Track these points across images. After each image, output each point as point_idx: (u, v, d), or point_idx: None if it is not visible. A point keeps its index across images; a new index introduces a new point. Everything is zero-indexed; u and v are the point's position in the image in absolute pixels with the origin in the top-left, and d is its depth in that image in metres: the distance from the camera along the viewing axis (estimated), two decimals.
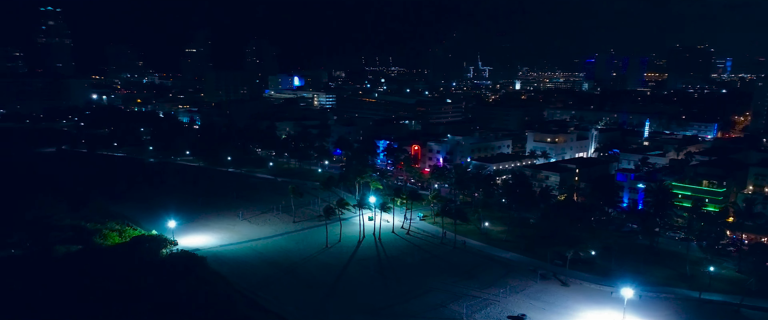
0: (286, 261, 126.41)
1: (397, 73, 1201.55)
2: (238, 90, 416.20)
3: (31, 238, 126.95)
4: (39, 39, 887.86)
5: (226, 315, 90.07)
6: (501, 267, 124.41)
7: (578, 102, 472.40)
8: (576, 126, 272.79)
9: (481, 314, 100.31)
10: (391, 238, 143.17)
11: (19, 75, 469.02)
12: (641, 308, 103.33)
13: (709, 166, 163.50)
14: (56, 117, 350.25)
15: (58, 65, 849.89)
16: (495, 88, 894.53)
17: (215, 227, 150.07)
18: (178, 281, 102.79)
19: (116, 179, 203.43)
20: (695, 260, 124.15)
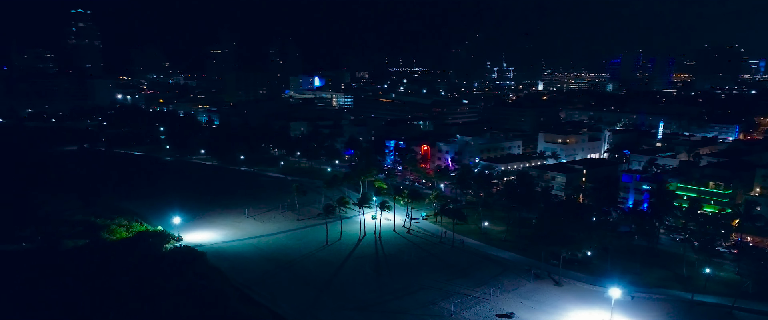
0: (285, 258, 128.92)
1: (420, 73, 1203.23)
2: (257, 90, 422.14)
3: (41, 232, 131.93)
4: (69, 41, 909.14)
5: (217, 309, 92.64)
6: (497, 266, 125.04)
7: (600, 103, 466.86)
8: (589, 127, 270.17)
9: (470, 312, 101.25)
10: (391, 237, 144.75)
11: (47, 75, 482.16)
12: (632, 308, 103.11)
13: (716, 168, 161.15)
14: (81, 116, 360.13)
15: (88, 66, 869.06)
16: (517, 88, 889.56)
17: (221, 224, 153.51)
18: (175, 275, 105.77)
19: (131, 176, 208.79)
20: (694, 261, 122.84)
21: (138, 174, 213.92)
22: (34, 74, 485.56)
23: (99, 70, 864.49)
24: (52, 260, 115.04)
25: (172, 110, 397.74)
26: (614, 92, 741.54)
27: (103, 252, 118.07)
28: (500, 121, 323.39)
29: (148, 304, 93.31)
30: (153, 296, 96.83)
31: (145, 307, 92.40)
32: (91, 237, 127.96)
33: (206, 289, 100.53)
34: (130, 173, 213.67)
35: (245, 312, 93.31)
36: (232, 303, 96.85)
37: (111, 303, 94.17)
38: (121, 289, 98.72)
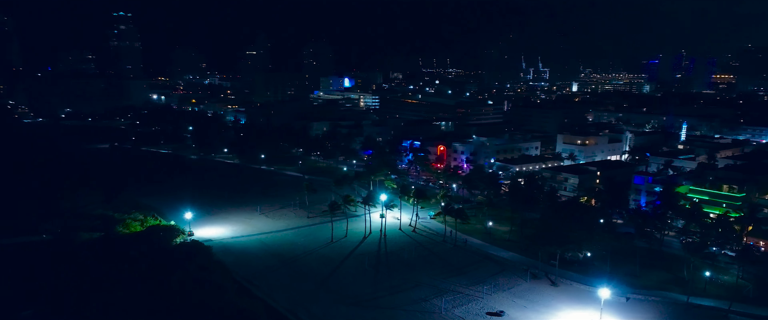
0: (289, 254, 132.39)
1: (454, 74, 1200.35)
2: (285, 91, 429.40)
3: (61, 225, 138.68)
4: (111, 43, 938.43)
5: (213, 301, 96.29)
6: (495, 265, 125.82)
7: (634, 105, 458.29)
8: (614, 129, 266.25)
9: (460, 309, 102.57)
10: (396, 235, 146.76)
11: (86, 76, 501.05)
12: (626, 310, 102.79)
13: (730, 170, 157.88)
14: (115, 116, 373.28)
15: (128, 67, 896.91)
16: (551, 89, 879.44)
17: (233, 220, 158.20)
18: (179, 268, 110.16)
19: (154, 174, 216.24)
20: (698, 265, 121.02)
21: (161, 172, 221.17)
22: (74, 75, 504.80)
23: (139, 72, 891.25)
24: (66, 251, 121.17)
25: (202, 110, 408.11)
26: (651, 94, 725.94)
27: (114, 245, 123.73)
28: (523, 122, 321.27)
29: (149, 294, 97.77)
30: (155, 286, 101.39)
31: (146, 297, 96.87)
32: (107, 231, 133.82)
33: (205, 281, 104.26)
34: (154, 171, 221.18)
35: (240, 304, 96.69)
36: (229, 296, 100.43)
37: (115, 291, 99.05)
38: (125, 280, 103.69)
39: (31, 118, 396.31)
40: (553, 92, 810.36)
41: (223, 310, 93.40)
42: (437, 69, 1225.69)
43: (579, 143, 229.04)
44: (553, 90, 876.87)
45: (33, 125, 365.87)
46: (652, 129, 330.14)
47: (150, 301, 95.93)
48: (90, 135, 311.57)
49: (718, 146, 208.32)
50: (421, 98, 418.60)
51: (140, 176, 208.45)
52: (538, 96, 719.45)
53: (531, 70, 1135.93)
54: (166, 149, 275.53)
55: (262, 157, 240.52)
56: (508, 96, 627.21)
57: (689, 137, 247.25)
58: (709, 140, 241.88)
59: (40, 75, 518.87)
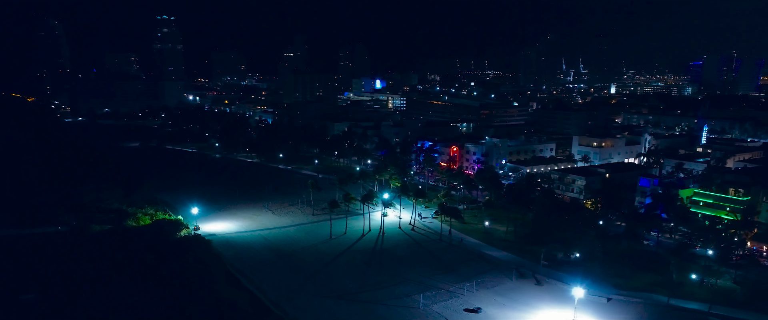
0: (287, 249, 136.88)
1: (492, 76, 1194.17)
2: (314, 92, 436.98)
3: (77, 218, 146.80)
4: (154, 45, 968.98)
5: (200, 290, 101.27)
6: (486, 264, 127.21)
7: (671, 107, 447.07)
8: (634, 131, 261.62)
9: (439, 305, 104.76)
10: (395, 233, 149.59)
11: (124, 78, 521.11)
12: (605, 310, 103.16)
13: (738, 174, 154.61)
14: (148, 116, 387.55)
15: (170, 69, 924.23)
16: (589, 91, 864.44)
17: (240, 216, 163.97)
18: (175, 259, 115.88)
19: (174, 171, 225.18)
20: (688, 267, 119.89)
21: (181, 169, 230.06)
22: (113, 77, 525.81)
23: (180, 73, 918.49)
24: (76, 242, 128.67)
25: (233, 110, 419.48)
26: (692, 96, 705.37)
27: (121, 237, 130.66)
28: (547, 124, 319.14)
29: (144, 282, 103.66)
30: (151, 275, 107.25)
31: (141, 284, 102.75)
32: (117, 224, 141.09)
33: (197, 272, 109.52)
34: (174, 169, 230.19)
35: (225, 293, 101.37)
36: (217, 286, 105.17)
37: (113, 279, 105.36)
38: (124, 269, 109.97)
39: (72, 117, 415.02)
40: (589, 94, 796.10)
41: (207, 299, 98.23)
42: (476, 71, 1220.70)
43: (595, 145, 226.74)
44: (591, 92, 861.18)
45: (72, 124, 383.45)
46: (681, 132, 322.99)
47: (144, 288, 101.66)
48: (122, 134, 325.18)
49: (737, 150, 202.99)
50: (448, 99, 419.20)
51: (162, 174, 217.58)
52: (573, 98, 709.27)
53: (571, 72, 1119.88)
54: (192, 148, 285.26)
55: (281, 156, 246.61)
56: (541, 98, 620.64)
57: (711, 140, 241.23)
58: (732, 143, 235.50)
59: (81, 76, 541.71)
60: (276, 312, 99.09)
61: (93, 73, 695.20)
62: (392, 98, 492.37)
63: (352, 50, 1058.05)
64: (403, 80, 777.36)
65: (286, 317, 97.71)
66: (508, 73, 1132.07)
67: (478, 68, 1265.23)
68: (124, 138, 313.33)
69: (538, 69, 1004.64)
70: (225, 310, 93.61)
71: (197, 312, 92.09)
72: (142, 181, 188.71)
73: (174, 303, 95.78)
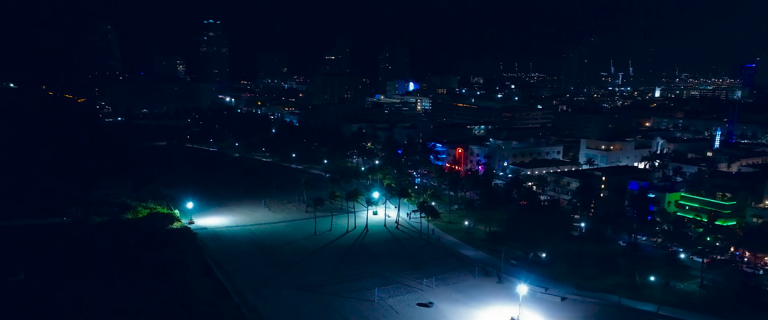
0: (271, 243, 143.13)
1: (536, 79, 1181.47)
2: (343, 94, 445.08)
3: (83, 210, 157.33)
4: (201, 48, 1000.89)
5: (169, 278, 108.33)
6: (456, 261, 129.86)
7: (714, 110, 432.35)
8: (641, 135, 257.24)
9: (394, 299, 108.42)
10: (379, 231, 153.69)
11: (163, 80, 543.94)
12: (556, 308, 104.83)
13: (726, 178, 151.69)
14: (182, 116, 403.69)
15: (215, 72, 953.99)
16: (631, 94, 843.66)
17: (237, 211, 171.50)
18: (157, 249, 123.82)
19: (190, 168, 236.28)
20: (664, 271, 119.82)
21: (197, 167, 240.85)
22: (158, 79, 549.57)
23: (225, 76, 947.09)
24: (76, 232, 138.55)
25: (264, 112, 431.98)
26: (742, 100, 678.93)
27: (116, 228, 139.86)
28: (567, 127, 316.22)
29: (119, 269, 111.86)
30: (133, 263, 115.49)
31: (115, 271, 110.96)
32: (115, 216, 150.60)
33: (173, 262, 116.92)
34: (191, 166, 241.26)
35: (192, 281, 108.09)
36: (190, 274, 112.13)
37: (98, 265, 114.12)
38: (111, 257, 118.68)
39: (112, 117, 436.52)
40: (632, 97, 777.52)
41: (177, 286, 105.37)
42: (520, 73, 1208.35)
43: (603, 149, 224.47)
44: (634, 95, 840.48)
45: (111, 124, 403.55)
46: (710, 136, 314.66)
47: (120, 274, 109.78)
48: (153, 133, 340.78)
49: (745, 154, 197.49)
50: (474, 101, 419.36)
51: (178, 170, 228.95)
52: (614, 101, 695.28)
53: (620, 75, 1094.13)
54: (213, 148, 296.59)
55: (293, 156, 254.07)
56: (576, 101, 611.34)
57: (730, 145, 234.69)
58: (751, 148, 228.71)
59: (121, 78, 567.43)
60: (235, 300, 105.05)
61: (140, 76, 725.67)
62: (421, 100, 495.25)
63: (392, 53, 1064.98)
64: (443, 83, 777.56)
65: (244, 305, 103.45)
66: (553, 76, 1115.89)
67: (522, 71, 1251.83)
68: (154, 137, 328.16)
69: (580, 72, 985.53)
70: (187, 296, 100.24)
71: (160, 297, 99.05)
72: (152, 177, 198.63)
73: (143, 288, 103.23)
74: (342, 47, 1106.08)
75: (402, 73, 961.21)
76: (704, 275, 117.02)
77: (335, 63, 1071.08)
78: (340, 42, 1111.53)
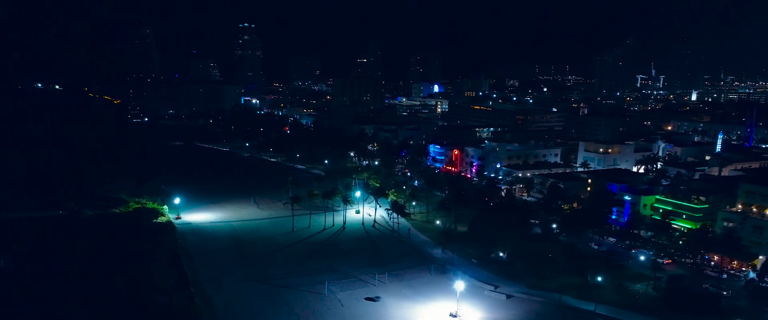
0: (248, 238, 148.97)
1: (573, 82, 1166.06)
2: (361, 96, 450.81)
3: (81, 204, 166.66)
4: (236, 52, 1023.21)
5: (134, 267, 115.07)
6: (419, 259, 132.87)
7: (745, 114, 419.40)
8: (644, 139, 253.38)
9: (344, 293, 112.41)
10: (356, 228, 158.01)
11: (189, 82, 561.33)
12: (499, 306, 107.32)
13: (702, 182, 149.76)
14: (204, 117, 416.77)
15: (249, 74, 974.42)
16: (667, 98, 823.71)
17: (227, 208, 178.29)
18: (134, 240, 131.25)
19: (197, 167, 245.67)
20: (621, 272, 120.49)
21: (203, 166, 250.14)
22: (181, 82, 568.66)
23: (259, 78, 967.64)
24: (66, 224, 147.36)
25: (285, 113, 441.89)
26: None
27: (104, 221, 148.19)
28: (578, 130, 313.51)
29: (92, 257, 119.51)
30: (111, 252, 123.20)
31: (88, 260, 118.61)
32: (105, 210, 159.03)
33: (143, 253, 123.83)
34: (199, 165, 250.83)
35: (153, 271, 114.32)
36: (152, 265, 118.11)
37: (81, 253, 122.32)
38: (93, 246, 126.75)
39: (140, 118, 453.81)
40: (665, 101, 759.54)
41: (138, 275, 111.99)
42: (556, 76, 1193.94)
43: (601, 152, 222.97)
44: (669, 98, 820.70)
45: (137, 124, 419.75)
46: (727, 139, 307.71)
47: (91, 263, 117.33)
48: (172, 133, 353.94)
49: (742, 159, 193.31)
50: (492, 104, 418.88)
51: (186, 169, 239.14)
52: (646, 104, 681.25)
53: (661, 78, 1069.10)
54: (226, 148, 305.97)
55: (297, 156, 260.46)
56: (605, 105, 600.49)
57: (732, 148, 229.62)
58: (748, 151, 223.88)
59: (149, 80, 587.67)
60: (191, 289, 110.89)
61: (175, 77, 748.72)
62: (441, 103, 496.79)
63: (423, 56, 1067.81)
64: (474, 86, 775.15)
65: (199, 294, 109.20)
66: (589, 80, 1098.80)
67: (558, 74, 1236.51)
68: (174, 137, 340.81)
69: (615, 74, 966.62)
70: (142, 284, 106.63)
71: (116, 284, 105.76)
72: (154, 175, 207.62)
73: (103, 276, 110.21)
74: (374, 50, 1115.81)
75: (433, 76, 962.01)
76: (661, 276, 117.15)
77: (367, 66, 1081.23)
78: (373, 45, 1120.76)
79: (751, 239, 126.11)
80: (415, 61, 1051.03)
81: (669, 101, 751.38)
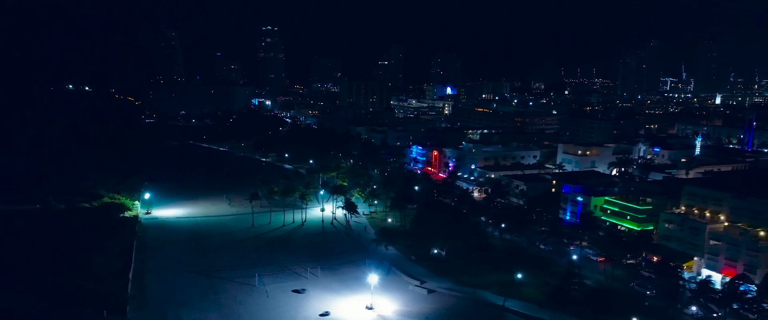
0: (207, 233, 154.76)
1: (599, 84, 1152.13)
2: (367, 98, 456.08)
3: (57, 199, 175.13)
4: (259, 54, 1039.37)
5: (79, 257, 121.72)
6: (362, 255, 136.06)
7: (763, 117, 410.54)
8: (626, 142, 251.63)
9: (273, 285, 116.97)
10: (314, 226, 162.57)
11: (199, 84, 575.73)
12: (417, 299, 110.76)
13: (650, 183, 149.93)
14: (210, 118, 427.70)
15: (271, 76, 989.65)
16: (690, 101, 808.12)
17: (200, 204, 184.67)
18: (93, 232, 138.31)
19: (186, 165, 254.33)
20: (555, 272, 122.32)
21: (194, 164, 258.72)
22: (192, 83, 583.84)
23: (282, 80, 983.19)
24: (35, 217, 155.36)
25: (292, 114, 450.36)
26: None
27: (69, 215, 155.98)
28: (572, 132, 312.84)
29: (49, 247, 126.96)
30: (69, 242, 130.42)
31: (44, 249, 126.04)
32: (73, 205, 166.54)
33: (95, 245, 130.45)
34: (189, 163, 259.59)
35: (98, 262, 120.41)
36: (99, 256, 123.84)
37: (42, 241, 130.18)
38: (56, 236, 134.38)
39: (152, 118, 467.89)
40: (687, 104, 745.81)
41: (83, 265, 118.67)
42: (582, 79, 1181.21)
43: (580, 154, 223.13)
44: (693, 102, 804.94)
45: (147, 124, 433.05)
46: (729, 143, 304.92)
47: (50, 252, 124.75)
48: (177, 132, 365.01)
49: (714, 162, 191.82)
50: (496, 107, 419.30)
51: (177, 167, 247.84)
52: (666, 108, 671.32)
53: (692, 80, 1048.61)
54: (224, 147, 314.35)
55: (286, 156, 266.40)
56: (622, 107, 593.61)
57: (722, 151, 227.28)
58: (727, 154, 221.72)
59: (162, 82, 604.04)
60: (129, 278, 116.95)
61: (197, 80, 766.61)
62: (449, 105, 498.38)
63: (444, 58, 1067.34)
64: (495, 88, 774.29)
65: (136, 284, 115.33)
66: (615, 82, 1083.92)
67: (585, 76, 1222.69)
68: (177, 137, 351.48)
69: (638, 77, 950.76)
70: (80, 273, 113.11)
71: (58, 272, 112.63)
72: (135, 171, 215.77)
73: (50, 265, 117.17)
74: (396, 52, 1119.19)
75: (453, 78, 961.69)
76: (594, 275, 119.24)
77: (389, 68, 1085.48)
78: (395, 47, 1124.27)
79: (689, 240, 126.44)
80: (436, 63, 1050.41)
81: (691, 105, 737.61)
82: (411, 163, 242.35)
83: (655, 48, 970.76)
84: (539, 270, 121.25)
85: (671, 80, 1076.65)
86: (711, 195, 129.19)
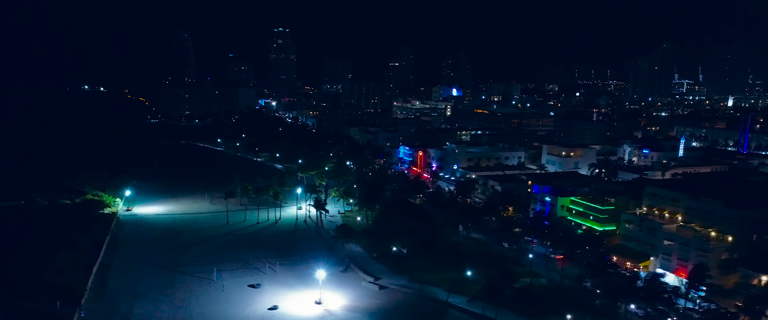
0: (181, 230, 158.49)
1: (613, 86, 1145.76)
2: (369, 99, 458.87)
3: (42, 196, 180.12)
4: (270, 55, 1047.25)
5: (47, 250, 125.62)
6: (326, 252, 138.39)
7: None
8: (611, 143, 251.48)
9: (231, 280, 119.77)
10: (288, 224, 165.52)
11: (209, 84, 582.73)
12: (368, 295, 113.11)
13: (613, 184, 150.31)
14: (212, 118, 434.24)
15: (282, 77, 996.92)
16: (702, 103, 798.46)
17: (181, 202, 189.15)
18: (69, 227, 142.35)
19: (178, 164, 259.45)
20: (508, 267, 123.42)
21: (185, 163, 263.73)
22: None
23: (293, 81, 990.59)
24: (18, 212, 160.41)
25: (294, 115, 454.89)
26: None
27: (52, 210, 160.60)
28: (566, 133, 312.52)
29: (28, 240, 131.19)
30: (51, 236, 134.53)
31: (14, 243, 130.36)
32: (54, 201, 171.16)
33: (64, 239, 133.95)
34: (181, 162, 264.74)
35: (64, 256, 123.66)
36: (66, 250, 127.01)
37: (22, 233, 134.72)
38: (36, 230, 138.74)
39: (158, 119, 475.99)
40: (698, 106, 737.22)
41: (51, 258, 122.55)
42: (595, 80, 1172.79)
43: (563, 155, 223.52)
44: (705, 104, 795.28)
45: (150, 124, 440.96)
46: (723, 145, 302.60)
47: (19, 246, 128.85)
48: (178, 132, 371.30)
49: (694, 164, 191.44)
50: (495, 108, 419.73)
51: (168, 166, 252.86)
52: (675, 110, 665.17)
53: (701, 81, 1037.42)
54: (221, 147, 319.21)
55: (277, 156, 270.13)
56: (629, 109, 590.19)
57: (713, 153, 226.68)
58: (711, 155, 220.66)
59: (170, 83, 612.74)
60: (93, 271, 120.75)
61: (207, 81, 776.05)
62: (450, 106, 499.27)
63: (454, 60, 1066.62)
64: (505, 90, 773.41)
65: (100, 277, 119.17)
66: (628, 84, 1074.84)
67: (598, 78, 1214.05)
68: (178, 136, 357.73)
69: (649, 79, 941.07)
70: (44, 266, 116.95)
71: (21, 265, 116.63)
72: (122, 169, 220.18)
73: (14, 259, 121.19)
74: (406, 54, 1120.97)
75: (464, 79, 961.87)
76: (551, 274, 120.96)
77: (399, 70, 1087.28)
78: (405, 49, 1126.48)
79: (646, 240, 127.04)
80: (447, 65, 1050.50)
81: (702, 107, 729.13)
82: (398, 163, 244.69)
83: (666, 50, 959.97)
84: (492, 267, 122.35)
85: (687, 82, 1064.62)
86: (670, 196, 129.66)
